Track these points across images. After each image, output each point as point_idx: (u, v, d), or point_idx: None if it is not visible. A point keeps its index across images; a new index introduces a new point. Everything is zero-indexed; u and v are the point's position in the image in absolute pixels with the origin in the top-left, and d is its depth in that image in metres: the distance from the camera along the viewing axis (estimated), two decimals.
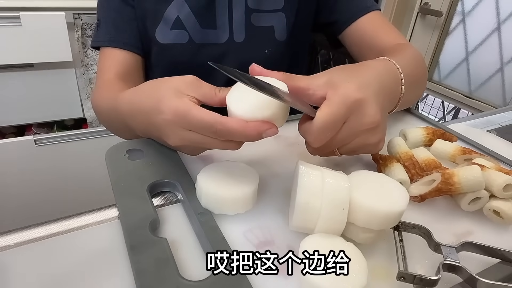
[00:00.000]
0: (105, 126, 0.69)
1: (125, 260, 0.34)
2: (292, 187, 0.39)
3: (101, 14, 0.71)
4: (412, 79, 0.55)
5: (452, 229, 0.41)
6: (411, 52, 0.62)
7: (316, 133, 0.37)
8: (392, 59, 0.50)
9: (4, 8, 1.22)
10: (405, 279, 0.32)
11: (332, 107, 0.37)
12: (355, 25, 0.70)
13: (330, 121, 0.37)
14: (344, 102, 0.37)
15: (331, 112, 0.37)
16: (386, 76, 0.46)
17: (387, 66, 0.48)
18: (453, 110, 2.11)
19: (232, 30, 0.69)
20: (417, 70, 0.59)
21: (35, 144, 1.38)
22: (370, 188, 0.35)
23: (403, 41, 0.68)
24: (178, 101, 0.39)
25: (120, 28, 0.68)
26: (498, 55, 1.54)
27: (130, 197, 0.40)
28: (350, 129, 0.39)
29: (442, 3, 1.69)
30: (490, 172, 0.42)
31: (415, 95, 0.63)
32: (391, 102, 0.48)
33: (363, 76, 0.42)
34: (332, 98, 0.37)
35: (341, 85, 0.38)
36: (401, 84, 0.49)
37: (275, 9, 0.70)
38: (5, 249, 0.35)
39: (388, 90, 0.45)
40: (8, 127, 1.53)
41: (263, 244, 0.37)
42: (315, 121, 0.37)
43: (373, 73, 0.44)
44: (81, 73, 1.43)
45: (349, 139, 0.40)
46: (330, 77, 0.40)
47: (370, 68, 0.46)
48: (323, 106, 0.37)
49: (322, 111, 0.37)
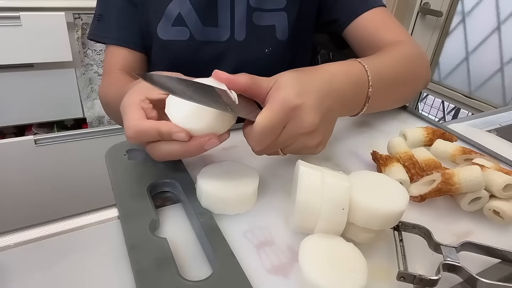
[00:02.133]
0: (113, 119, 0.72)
1: (125, 260, 0.34)
2: (292, 187, 0.39)
3: (103, 9, 0.71)
4: (395, 79, 0.56)
5: (452, 229, 0.41)
6: (403, 50, 0.61)
7: (256, 137, 0.38)
8: (369, 59, 0.52)
9: (4, 8, 1.22)
10: (405, 279, 0.32)
11: (271, 112, 0.38)
12: (356, 22, 0.69)
13: (268, 127, 0.38)
14: (283, 108, 0.39)
15: (270, 117, 0.38)
16: (340, 79, 0.47)
17: (346, 69, 0.49)
18: (453, 110, 2.11)
19: (234, 28, 0.69)
20: (406, 69, 0.59)
21: (35, 144, 1.38)
22: (370, 188, 0.35)
23: (405, 37, 0.66)
24: (131, 119, 0.40)
25: (124, 26, 0.70)
26: (498, 55, 1.54)
27: (130, 197, 0.40)
28: (288, 133, 0.40)
29: (442, 3, 1.69)
30: (490, 172, 0.42)
31: (402, 94, 0.63)
32: (345, 105, 0.48)
33: (309, 81, 0.43)
34: (272, 103, 0.39)
35: (283, 89, 0.40)
36: (368, 86, 0.50)
37: (277, 8, 0.69)
38: (5, 249, 0.35)
39: (341, 93, 0.46)
40: (8, 127, 1.53)
41: (263, 244, 0.37)
42: (255, 126, 0.38)
43: (323, 78, 0.45)
44: (81, 73, 1.43)
45: (289, 142, 0.42)
46: (278, 79, 0.42)
47: (323, 72, 0.46)
48: (264, 110, 0.39)
49: (262, 116, 0.38)
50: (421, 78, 0.64)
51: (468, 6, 1.62)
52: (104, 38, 0.72)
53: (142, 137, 0.39)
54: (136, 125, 0.39)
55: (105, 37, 0.71)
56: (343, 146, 0.55)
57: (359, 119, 0.63)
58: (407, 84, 0.62)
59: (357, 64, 0.51)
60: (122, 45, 0.70)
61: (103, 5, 0.72)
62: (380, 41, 0.66)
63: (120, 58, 0.70)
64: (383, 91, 0.53)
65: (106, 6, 0.71)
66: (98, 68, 1.45)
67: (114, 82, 0.66)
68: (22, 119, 1.45)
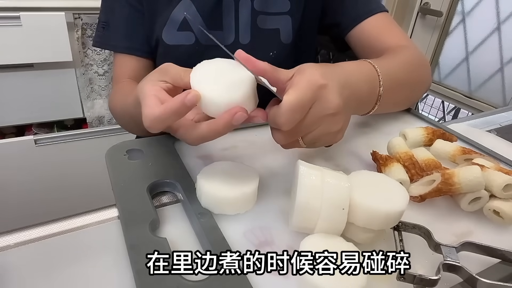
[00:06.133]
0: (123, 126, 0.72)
1: (125, 260, 0.34)
2: (292, 187, 0.39)
3: (109, 16, 0.71)
4: (401, 81, 0.57)
5: (452, 229, 0.41)
6: (408, 54, 0.62)
7: (285, 115, 0.38)
8: (378, 61, 0.52)
9: (4, 8, 1.21)
10: (405, 279, 0.32)
11: (299, 91, 0.38)
12: (359, 27, 0.70)
13: (298, 104, 0.38)
14: (310, 87, 0.39)
15: (298, 95, 0.38)
16: (355, 75, 0.48)
17: (358, 67, 0.50)
18: (453, 110, 2.11)
19: (238, 32, 0.69)
20: (410, 72, 0.60)
21: (35, 144, 1.38)
22: (370, 188, 0.36)
23: (406, 43, 0.68)
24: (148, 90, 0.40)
25: (131, 34, 0.70)
26: (498, 55, 1.54)
27: (130, 197, 0.40)
28: (314, 114, 0.40)
29: (442, 3, 1.69)
30: (490, 172, 0.42)
31: (407, 96, 0.64)
32: (361, 100, 0.49)
33: (329, 70, 0.44)
34: (299, 83, 0.39)
35: (307, 71, 0.41)
36: (379, 85, 0.50)
37: (282, 11, 0.70)
38: (5, 249, 0.35)
39: (357, 88, 0.47)
40: (8, 127, 1.53)
41: (263, 244, 0.37)
42: (284, 103, 0.38)
43: (339, 70, 0.46)
44: (81, 73, 1.42)
45: (314, 126, 0.41)
46: (299, 67, 0.42)
47: (338, 66, 0.48)
48: (290, 90, 0.39)
49: (290, 95, 0.38)
50: (423, 83, 0.65)
51: (468, 6, 1.62)
52: (112, 46, 0.72)
53: (159, 123, 0.38)
54: (149, 113, 0.38)
55: (113, 45, 0.72)
56: (343, 146, 0.55)
57: (360, 119, 0.63)
58: (412, 87, 0.63)
59: (367, 64, 0.51)
60: (131, 53, 0.70)
61: (108, 12, 0.71)
62: (383, 46, 0.67)
63: (129, 66, 0.71)
64: (391, 92, 0.53)
65: (112, 13, 0.71)
66: (98, 68, 1.45)
67: (119, 90, 0.67)
68: (22, 119, 1.45)
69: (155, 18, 0.68)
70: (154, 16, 0.68)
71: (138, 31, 0.70)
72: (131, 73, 0.70)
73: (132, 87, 0.64)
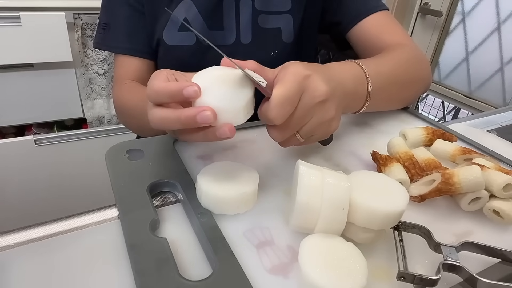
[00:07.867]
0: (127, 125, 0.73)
1: (125, 260, 0.34)
2: (292, 187, 0.39)
3: (109, 18, 0.71)
4: (395, 79, 0.58)
5: (452, 229, 0.41)
6: (405, 52, 0.62)
7: (276, 108, 0.39)
8: (368, 60, 0.53)
9: (4, 8, 1.21)
10: (405, 279, 0.32)
11: (285, 84, 0.40)
12: (360, 25, 0.70)
13: (286, 96, 0.39)
14: (296, 78, 0.40)
15: (286, 87, 0.39)
16: (338, 71, 0.49)
17: (343, 65, 0.52)
18: (453, 110, 2.11)
19: (239, 31, 0.69)
20: (406, 70, 0.60)
21: (35, 144, 1.38)
22: (370, 188, 0.35)
23: (407, 41, 0.68)
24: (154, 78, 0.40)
25: (132, 35, 0.70)
26: (498, 55, 1.54)
27: (130, 197, 0.40)
28: (305, 104, 0.41)
29: (442, 3, 1.69)
30: (490, 172, 0.42)
31: (403, 94, 0.64)
32: (347, 94, 0.49)
33: (313, 64, 0.45)
34: (285, 77, 0.40)
35: (291, 65, 0.42)
36: (366, 82, 0.52)
37: (283, 10, 0.70)
38: (5, 249, 0.35)
39: (343, 82, 0.48)
40: (8, 127, 1.53)
41: (263, 244, 0.37)
42: (273, 98, 0.39)
43: (324, 67, 0.48)
44: (81, 73, 1.42)
45: (307, 117, 0.42)
46: (283, 65, 0.44)
47: (323, 65, 0.49)
48: (278, 85, 0.40)
49: (277, 88, 0.39)
50: (422, 81, 0.65)
51: (468, 6, 1.62)
52: (113, 48, 0.72)
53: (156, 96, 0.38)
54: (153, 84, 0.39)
55: (114, 47, 0.72)
56: (343, 146, 0.55)
57: (359, 119, 0.63)
58: (408, 85, 0.62)
59: (352, 63, 0.53)
60: (132, 54, 0.70)
61: (109, 14, 0.71)
62: (383, 44, 0.67)
63: (130, 67, 0.71)
64: (383, 90, 0.54)
65: (113, 14, 0.71)
66: (98, 68, 1.45)
67: (129, 90, 0.67)
68: (22, 119, 1.45)
69: (156, 18, 0.68)
70: (155, 16, 0.68)
71: (139, 32, 0.69)
72: (133, 74, 0.70)
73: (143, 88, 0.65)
